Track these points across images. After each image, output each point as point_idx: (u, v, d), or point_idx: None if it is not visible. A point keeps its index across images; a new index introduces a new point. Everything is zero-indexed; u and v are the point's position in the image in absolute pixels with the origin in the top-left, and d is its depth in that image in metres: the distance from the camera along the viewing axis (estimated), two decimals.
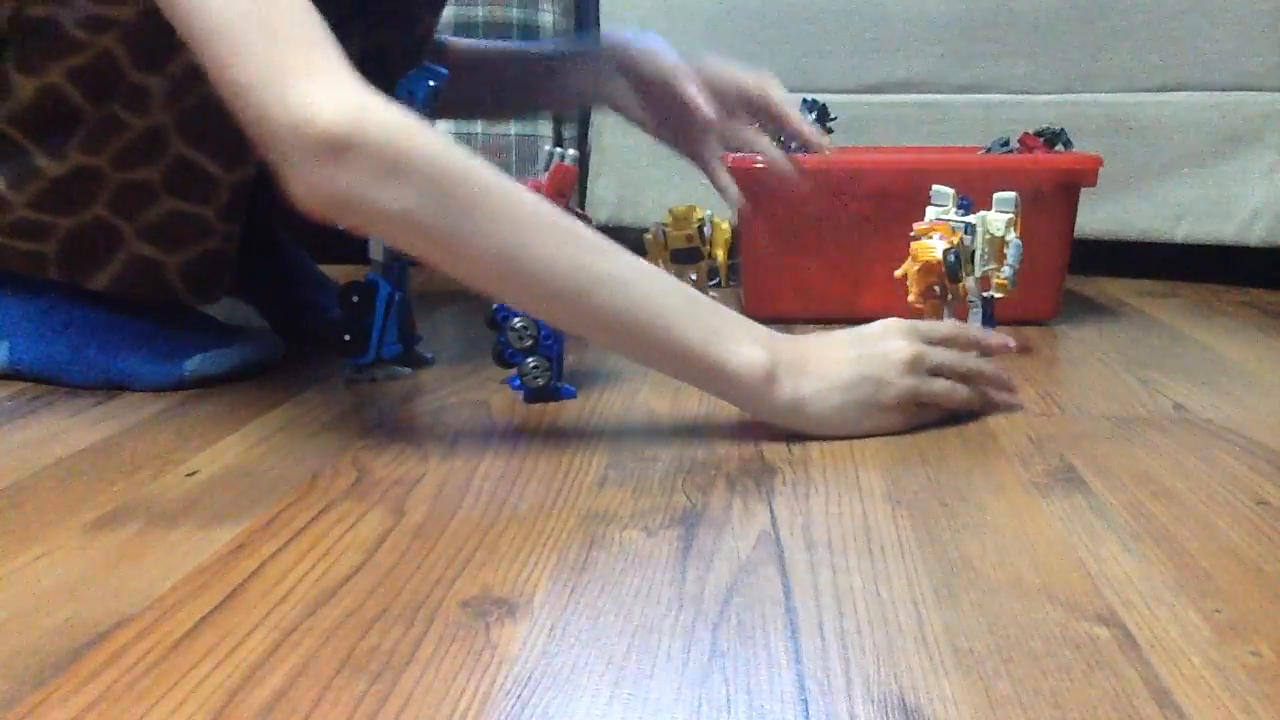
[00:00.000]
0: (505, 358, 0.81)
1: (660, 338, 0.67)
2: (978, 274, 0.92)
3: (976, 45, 1.45)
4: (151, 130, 0.78)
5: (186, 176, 0.80)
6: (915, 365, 0.73)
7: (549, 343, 0.81)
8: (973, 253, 0.91)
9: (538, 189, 0.78)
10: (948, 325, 0.79)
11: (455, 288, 0.72)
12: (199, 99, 0.77)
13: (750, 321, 0.71)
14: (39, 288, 0.84)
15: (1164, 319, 1.18)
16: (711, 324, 0.68)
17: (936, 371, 0.74)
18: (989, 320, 0.99)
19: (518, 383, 0.82)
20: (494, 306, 0.80)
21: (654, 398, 0.83)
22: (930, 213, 0.93)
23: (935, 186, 0.94)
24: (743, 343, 0.69)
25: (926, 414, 0.75)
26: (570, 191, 0.82)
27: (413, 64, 0.99)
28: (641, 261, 0.68)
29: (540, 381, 0.81)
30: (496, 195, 0.64)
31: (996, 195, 0.94)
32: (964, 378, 0.76)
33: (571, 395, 0.83)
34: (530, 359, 0.81)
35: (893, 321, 0.75)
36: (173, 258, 0.82)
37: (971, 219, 0.92)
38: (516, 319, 0.80)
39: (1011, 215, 0.91)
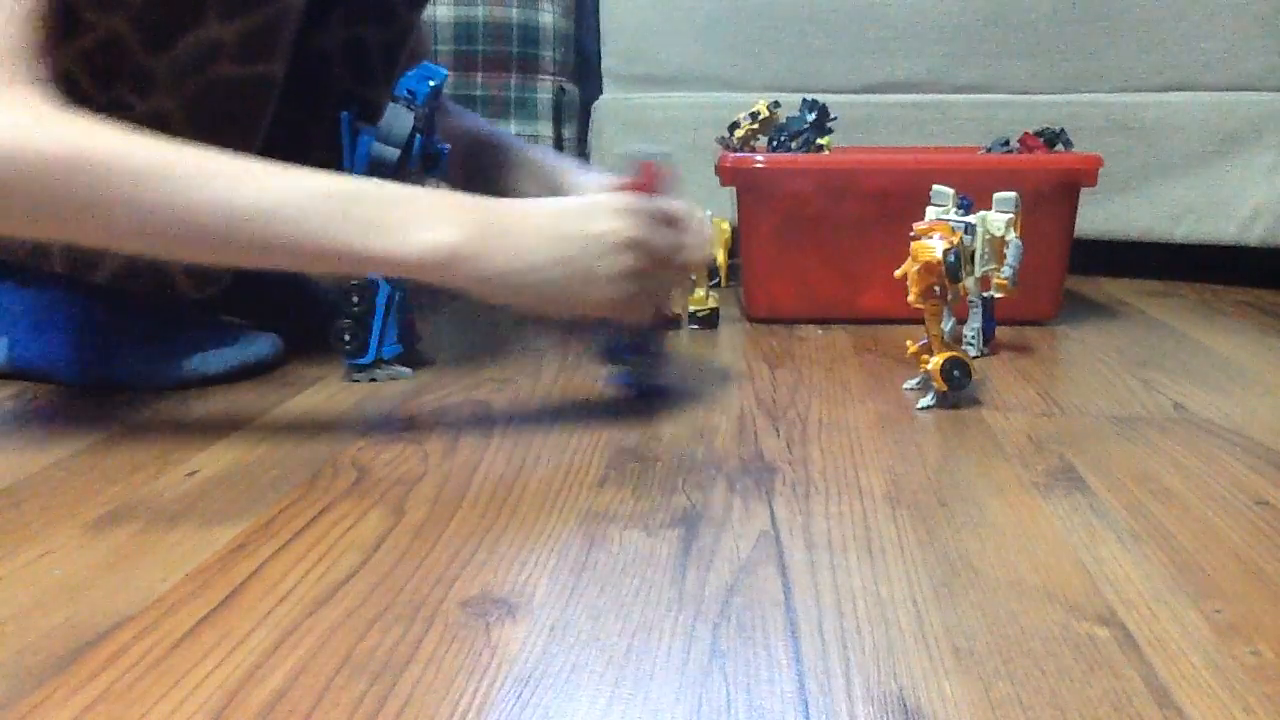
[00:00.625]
0: (614, 354, 0.83)
1: (326, 250, 0.64)
2: (978, 274, 0.92)
3: (976, 45, 1.45)
4: (156, 115, 0.78)
5: None
6: (634, 245, 0.69)
7: (645, 339, 0.83)
8: (973, 253, 0.91)
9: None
10: (665, 205, 0.74)
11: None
12: (203, 85, 0.78)
13: (443, 197, 0.67)
14: (40, 285, 0.84)
15: (1164, 319, 1.18)
16: (381, 218, 0.65)
17: (656, 253, 0.71)
18: (989, 320, 0.99)
19: (625, 379, 0.84)
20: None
21: (655, 397, 0.83)
22: (930, 213, 0.93)
23: (935, 186, 0.94)
24: (428, 226, 0.65)
25: (640, 301, 0.71)
26: (657, 190, 0.82)
27: (392, 58, 0.99)
28: (312, 179, 0.65)
29: (647, 378, 0.84)
30: (118, 168, 0.62)
31: (996, 195, 0.94)
32: (680, 271, 0.73)
33: (659, 390, 0.85)
34: (637, 356, 0.83)
35: (614, 197, 0.71)
36: None
37: (971, 219, 0.92)
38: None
39: (1011, 215, 0.91)
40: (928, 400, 0.81)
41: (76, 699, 0.40)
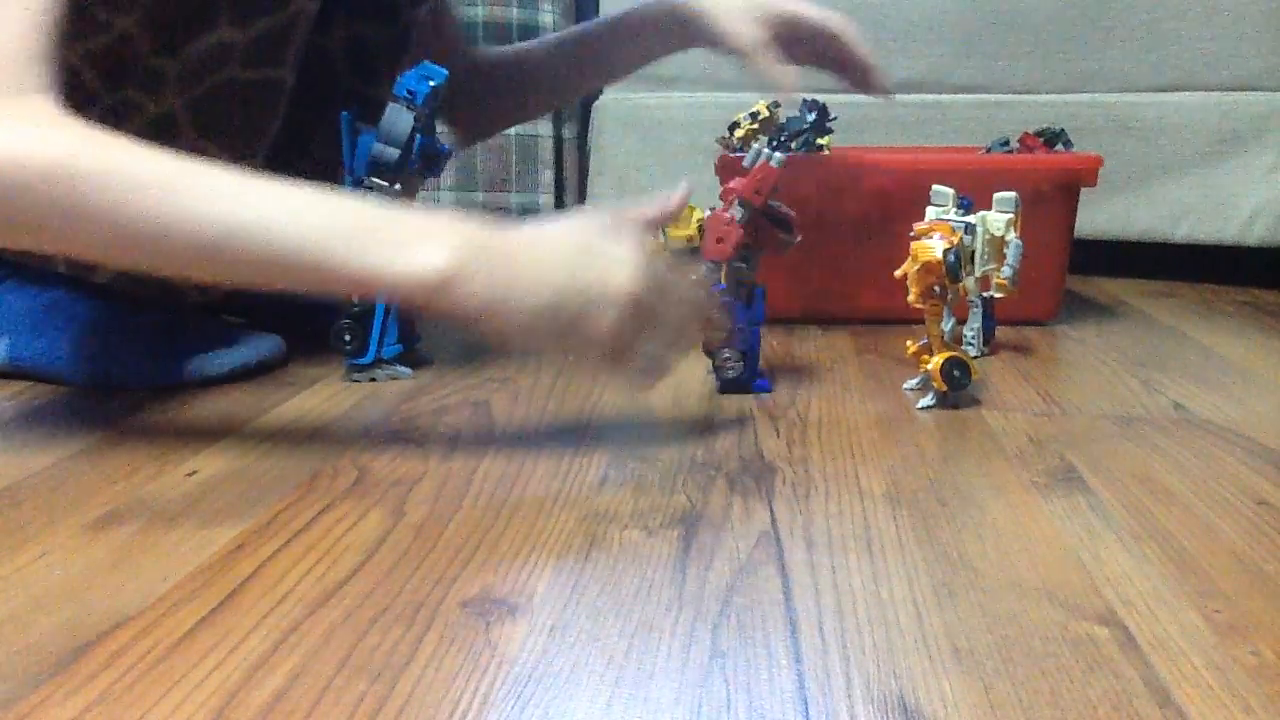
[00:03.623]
0: (707, 349, 0.84)
1: (317, 272, 0.62)
2: (978, 274, 0.92)
3: (976, 45, 1.45)
4: (163, 115, 0.78)
5: None
6: (633, 307, 0.63)
7: (743, 337, 0.83)
8: (973, 253, 0.91)
9: (736, 187, 0.82)
10: (680, 270, 0.70)
11: None
12: (210, 86, 0.78)
13: (438, 217, 0.64)
14: (41, 285, 0.84)
15: (1164, 319, 1.18)
16: (378, 239, 0.62)
17: (656, 318, 0.66)
18: (989, 320, 0.99)
19: (725, 375, 0.84)
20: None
21: (654, 397, 0.83)
22: (930, 213, 0.93)
23: (935, 186, 0.94)
24: (419, 248, 0.62)
25: (629, 359, 0.66)
26: (768, 191, 0.83)
27: (396, 56, 0.99)
28: (301, 192, 0.63)
29: (732, 374, 0.83)
30: (101, 181, 0.61)
31: (997, 195, 0.94)
32: (679, 331, 0.68)
33: (765, 390, 0.85)
34: (725, 351, 0.83)
35: (627, 252, 0.65)
36: None
37: (971, 219, 0.92)
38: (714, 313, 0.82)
39: (1011, 215, 0.91)
40: (928, 400, 0.81)
41: (76, 699, 0.40)
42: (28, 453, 0.69)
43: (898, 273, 0.82)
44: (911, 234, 0.82)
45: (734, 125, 1.19)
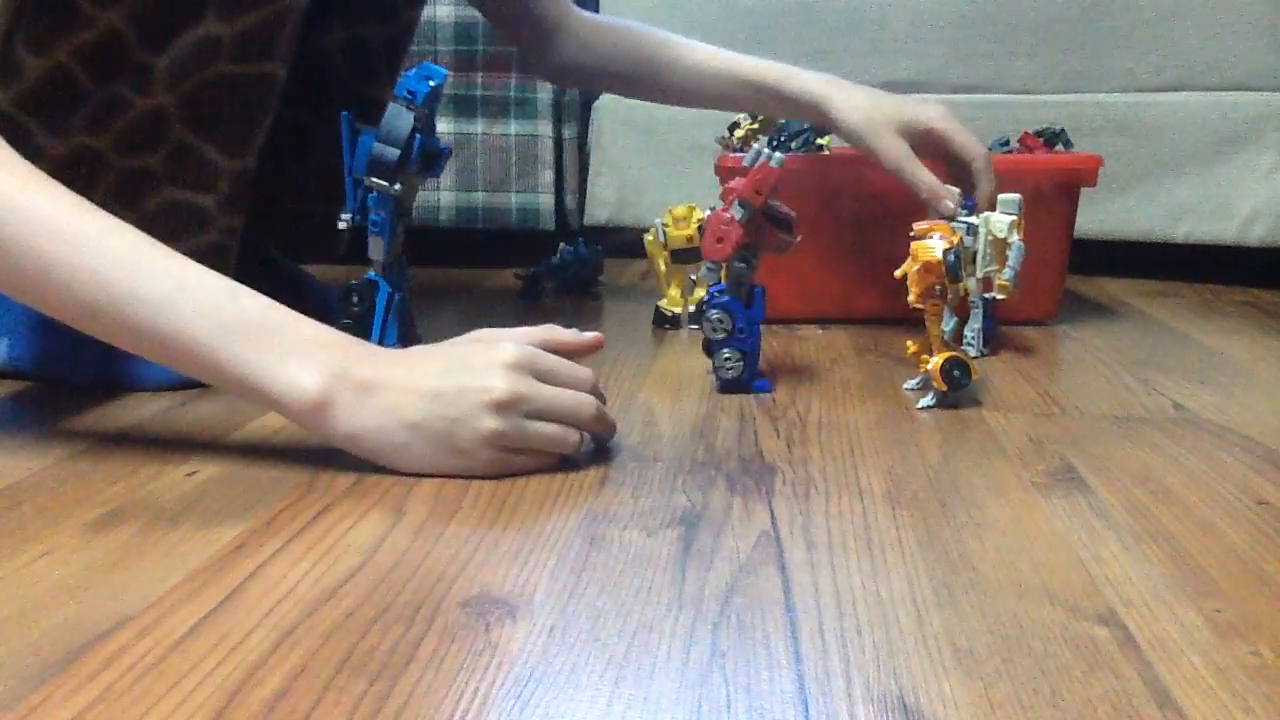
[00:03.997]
0: (707, 348, 0.84)
1: (195, 360, 0.62)
2: (980, 274, 0.92)
3: (976, 45, 1.45)
4: (153, 112, 0.78)
5: (187, 163, 0.80)
6: (507, 407, 0.63)
7: (743, 336, 0.83)
8: (974, 254, 0.91)
9: (735, 187, 0.82)
10: (543, 343, 0.68)
11: (456, 287, 0.72)
12: (199, 83, 0.78)
13: (327, 335, 0.64)
14: None
15: (1164, 319, 1.18)
16: (259, 345, 0.62)
17: (536, 413, 0.64)
18: (989, 321, 0.99)
19: (723, 375, 0.85)
20: (703, 298, 0.84)
21: (654, 397, 0.83)
22: (932, 212, 0.93)
23: (1001, 195, 0.94)
24: (295, 365, 0.62)
25: (518, 460, 0.65)
26: (768, 191, 0.83)
27: (395, 56, 0.99)
28: (200, 276, 0.63)
29: (732, 374, 0.83)
30: (11, 224, 0.61)
31: (1000, 196, 0.94)
32: (565, 416, 0.66)
33: (765, 390, 0.85)
34: (725, 350, 0.83)
35: (496, 349, 0.64)
36: (173, 249, 0.82)
37: (974, 220, 0.92)
38: (713, 311, 0.82)
39: (1015, 217, 0.91)
40: (928, 400, 0.81)
41: (76, 699, 0.40)
42: (28, 453, 0.69)
43: (898, 273, 0.82)
44: (912, 234, 0.82)
45: (734, 125, 1.19)
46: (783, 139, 1.13)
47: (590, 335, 0.71)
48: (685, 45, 1.11)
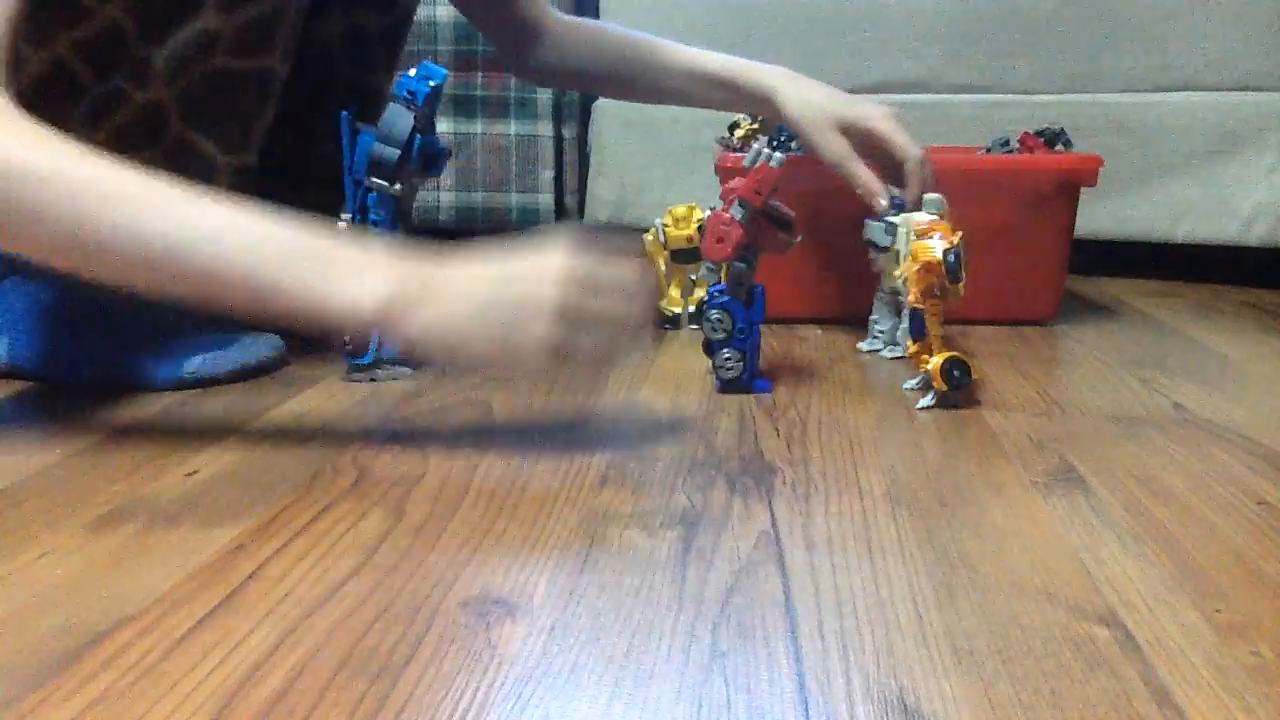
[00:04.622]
0: (707, 349, 0.84)
1: (255, 290, 0.63)
2: (899, 273, 0.90)
3: (976, 45, 1.45)
4: (152, 106, 0.78)
5: (186, 159, 0.80)
6: (563, 315, 0.65)
7: (743, 336, 0.83)
8: (897, 253, 0.90)
9: (735, 187, 0.83)
10: (606, 271, 0.69)
11: None
12: (198, 78, 0.78)
13: (376, 251, 0.66)
14: (41, 284, 0.84)
15: (1164, 319, 1.18)
16: (312, 266, 0.64)
17: (589, 315, 0.67)
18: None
19: (723, 377, 0.84)
20: (703, 298, 0.84)
21: (654, 397, 0.83)
22: (920, 216, 0.92)
23: (926, 195, 0.94)
24: (352, 280, 0.64)
25: (564, 362, 0.68)
26: (768, 191, 0.83)
27: (393, 45, 0.99)
28: (240, 218, 0.64)
29: (732, 374, 0.83)
30: (50, 183, 0.61)
31: (926, 196, 0.93)
32: (610, 324, 0.68)
33: (765, 390, 0.85)
34: (725, 350, 0.83)
35: (551, 260, 0.67)
36: None
37: (895, 219, 0.91)
38: (713, 311, 0.82)
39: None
40: (928, 400, 0.81)
41: (76, 699, 0.40)
42: (28, 453, 0.69)
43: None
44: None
45: (734, 125, 1.19)
46: (783, 139, 1.13)
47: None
48: (655, 45, 1.11)
